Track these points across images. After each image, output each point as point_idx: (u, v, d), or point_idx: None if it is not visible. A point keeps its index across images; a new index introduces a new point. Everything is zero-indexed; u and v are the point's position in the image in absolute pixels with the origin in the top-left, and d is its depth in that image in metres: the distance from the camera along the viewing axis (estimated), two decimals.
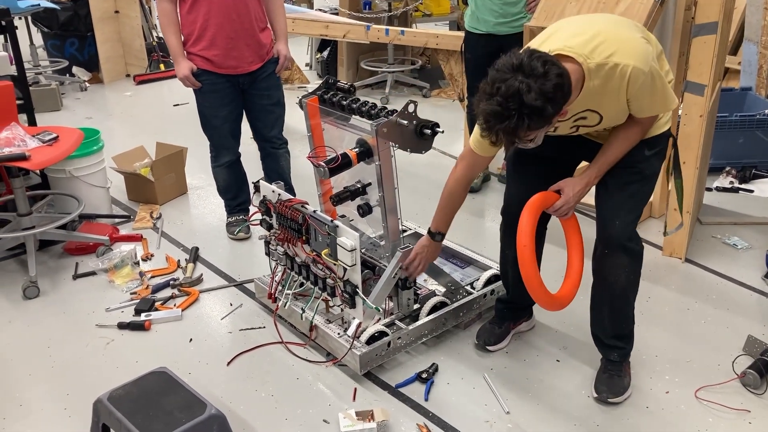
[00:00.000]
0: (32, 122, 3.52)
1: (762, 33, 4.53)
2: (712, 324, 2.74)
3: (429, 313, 2.62)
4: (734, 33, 4.84)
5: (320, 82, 2.73)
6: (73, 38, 6.52)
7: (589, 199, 2.37)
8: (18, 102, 3.35)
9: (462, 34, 3.93)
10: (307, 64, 6.95)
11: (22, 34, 4.51)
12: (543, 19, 3.42)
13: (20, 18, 6.04)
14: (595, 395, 2.36)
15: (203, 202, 3.99)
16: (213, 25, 3.10)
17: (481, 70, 3.85)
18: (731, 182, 3.95)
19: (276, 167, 3.49)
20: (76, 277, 3.20)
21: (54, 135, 3.22)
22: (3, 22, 3.47)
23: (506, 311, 2.67)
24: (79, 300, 3.03)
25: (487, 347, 2.62)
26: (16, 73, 3.50)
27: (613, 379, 2.38)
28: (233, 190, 3.51)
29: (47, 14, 6.31)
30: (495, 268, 2.89)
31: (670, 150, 2.52)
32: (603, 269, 2.31)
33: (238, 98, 3.30)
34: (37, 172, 3.53)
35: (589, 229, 2.49)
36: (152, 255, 3.38)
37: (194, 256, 3.31)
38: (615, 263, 2.26)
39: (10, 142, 3.09)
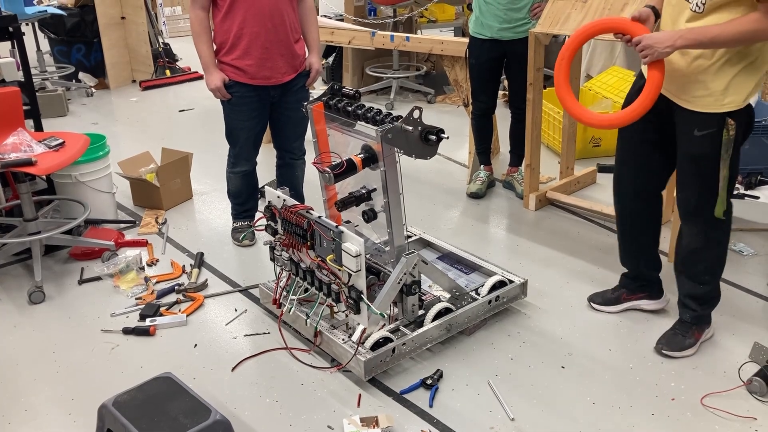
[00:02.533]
0: (39, 128, 3.54)
1: None
2: (718, 331, 2.73)
3: (434, 319, 2.62)
4: None
5: (325, 87, 2.74)
6: (79, 44, 6.56)
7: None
8: (25, 107, 3.37)
9: (467, 39, 3.94)
10: None
11: (29, 40, 4.54)
12: (548, 25, 3.43)
13: (27, 24, 6.08)
14: (654, 345, 2.59)
15: (208, 208, 4.00)
16: (248, 34, 3.07)
17: (485, 75, 3.91)
18: (737, 189, 3.93)
19: (291, 177, 3.50)
20: (81, 282, 3.21)
21: (60, 140, 3.24)
22: (10, 29, 3.49)
23: (623, 277, 2.87)
24: (84, 305, 3.03)
25: (592, 303, 2.87)
26: (23, 79, 3.52)
27: (676, 336, 2.58)
28: (243, 195, 3.51)
29: (54, 20, 6.36)
30: (500, 274, 2.88)
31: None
32: (680, 232, 2.57)
33: (266, 111, 3.28)
34: (43, 177, 3.55)
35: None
36: (157, 260, 3.39)
37: (199, 261, 3.32)
38: (685, 228, 2.53)
39: (16, 148, 3.10)
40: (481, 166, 4.13)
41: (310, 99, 2.72)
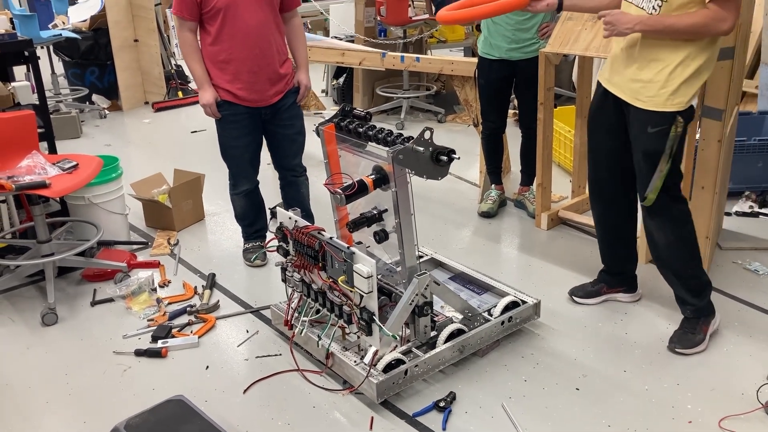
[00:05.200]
0: (53, 150, 3.58)
1: None
2: (735, 352, 2.70)
3: (446, 341, 2.60)
4: (751, 56, 4.82)
5: (336, 108, 2.75)
6: (93, 67, 6.64)
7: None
8: (39, 130, 3.41)
9: (476, 60, 3.96)
10: (323, 91, 7.02)
11: (43, 63, 4.59)
12: (558, 45, 3.44)
13: (42, 47, 6.16)
14: (666, 345, 2.69)
15: (220, 228, 4.01)
16: (236, 60, 3.12)
17: (494, 95, 3.92)
18: (751, 207, 3.91)
19: (297, 195, 3.51)
20: (94, 303, 3.22)
21: (74, 163, 3.26)
22: (26, 53, 3.54)
23: (602, 273, 3.06)
24: (96, 327, 3.04)
25: (573, 297, 3.05)
26: (37, 102, 3.57)
27: (685, 335, 2.68)
28: (250, 216, 3.53)
29: (68, 44, 6.45)
30: (512, 295, 2.87)
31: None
32: (647, 230, 2.73)
33: (258, 128, 3.32)
34: (57, 199, 3.58)
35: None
36: (169, 281, 3.40)
37: (211, 282, 3.32)
38: (651, 224, 2.66)
39: (31, 170, 3.13)
40: (492, 185, 4.12)
41: (322, 121, 2.73)
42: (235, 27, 3.07)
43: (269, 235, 3.48)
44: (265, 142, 3.43)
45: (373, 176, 2.47)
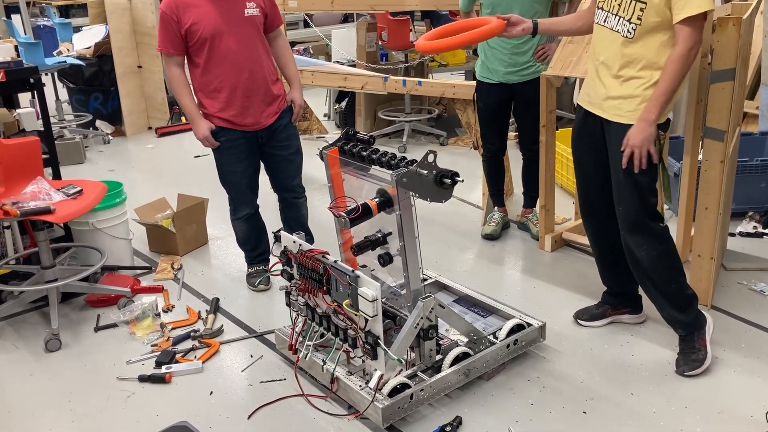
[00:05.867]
0: (57, 175, 3.59)
1: None
2: (743, 373, 2.68)
3: (452, 364, 2.58)
4: (751, 77, 4.85)
5: (338, 131, 2.77)
6: (97, 93, 6.69)
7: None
8: (44, 156, 3.43)
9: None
10: (325, 115, 7.05)
11: (48, 90, 4.62)
12: (559, 68, 3.46)
13: (47, 74, 6.21)
14: (675, 370, 2.68)
15: (224, 253, 4.01)
16: (227, 87, 3.14)
17: (493, 118, 3.94)
18: (755, 227, 3.90)
19: (297, 216, 3.51)
20: (97, 329, 3.21)
21: (78, 188, 3.28)
22: (32, 80, 3.57)
23: (605, 294, 3.06)
24: (100, 352, 3.03)
25: (578, 320, 3.05)
26: (42, 128, 3.59)
27: (687, 356, 2.69)
28: (252, 241, 3.53)
29: (73, 70, 6.51)
30: (517, 317, 2.85)
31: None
32: (627, 249, 2.71)
33: (255, 152, 3.33)
34: (61, 224, 3.58)
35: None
36: (173, 306, 3.39)
37: (215, 307, 3.31)
38: (633, 242, 2.67)
39: (35, 196, 3.14)
40: (495, 207, 4.12)
41: (326, 145, 2.74)
42: (222, 54, 3.09)
43: (272, 259, 3.48)
44: (263, 166, 3.43)
45: (377, 199, 2.48)
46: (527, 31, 2.80)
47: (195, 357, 2.94)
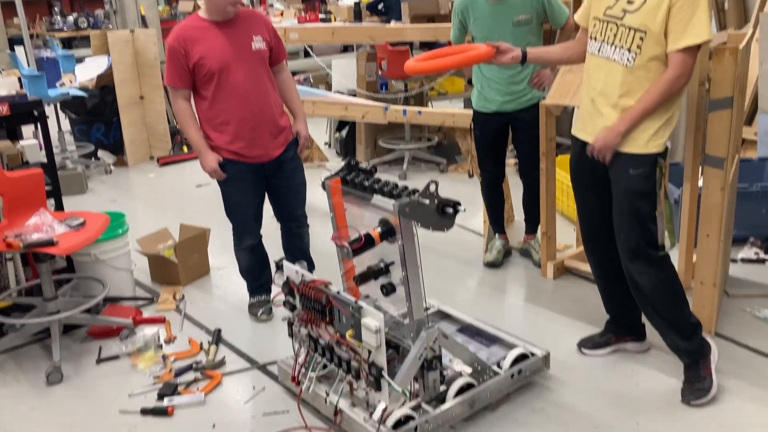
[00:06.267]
0: (59, 206, 3.61)
1: None
2: (750, 402, 2.66)
3: (456, 395, 2.57)
4: (748, 103, 4.88)
5: (339, 159, 2.79)
6: (99, 123, 6.74)
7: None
8: (47, 188, 3.44)
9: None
10: (326, 143, 7.09)
11: (50, 120, 4.65)
12: (558, 97, 3.50)
13: (49, 105, 6.26)
14: (681, 400, 2.65)
15: (225, 282, 4.01)
16: (235, 120, 3.15)
17: (491, 145, 3.96)
18: (756, 253, 3.90)
19: (301, 245, 3.52)
20: (99, 361, 3.19)
21: (81, 220, 3.28)
22: (36, 113, 3.61)
23: (608, 323, 3.05)
24: (102, 385, 3.01)
25: (581, 349, 3.04)
26: (45, 160, 3.61)
27: (693, 386, 2.67)
28: (255, 271, 3.53)
29: (75, 101, 6.55)
30: (521, 347, 2.84)
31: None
32: (629, 277, 2.71)
33: (261, 184, 3.34)
34: (63, 255, 3.58)
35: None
36: (175, 337, 3.38)
37: (217, 338, 3.30)
38: (634, 270, 2.66)
39: (38, 228, 3.15)
40: (496, 234, 4.13)
41: (328, 175, 2.76)
42: (230, 88, 3.11)
43: (274, 289, 3.48)
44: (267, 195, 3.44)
45: (379, 229, 2.48)
46: (516, 60, 2.83)
47: (197, 389, 2.92)
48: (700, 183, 3.12)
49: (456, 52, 2.84)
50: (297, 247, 3.53)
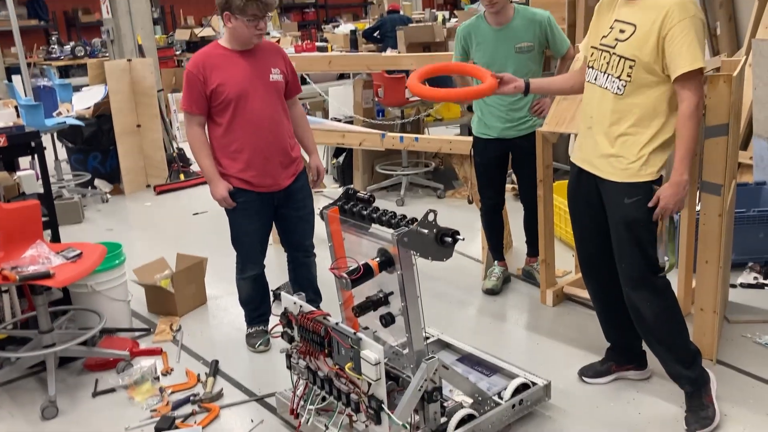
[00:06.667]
0: (56, 237, 3.59)
1: None
2: (752, 429, 2.63)
3: (457, 427, 2.53)
4: (743, 128, 4.92)
5: (336, 185, 2.78)
6: (96, 152, 6.74)
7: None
8: (43, 219, 3.42)
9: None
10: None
11: (47, 150, 4.66)
12: (554, 125, 3.51)
13: (46, 134, 6.26)
14: (686, 429, 2.63)
15: (223, 313, 3.98)
16: (249, 148, 3.16)
17: (491, 172, 3.97)
18: (755, 278, 3.90)
19: (308, 275, 3.51)
20: (95, 394, 3.15)
21: (78, 251, 3.26)
22: (33, 144, 3.60)
23: (608, 350, 3.04)
24: (98, 419, 2.97)
25: (582, 377, 3.02)
26: (42, 191, 3.60)
27: (697, 414, 2.65)
28: (256, 301, 3.50)
29: (72, 130, 6.56)
30: (522, 376, 2.82)
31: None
32: (631, 305, 2.70)
33: (270, 213, 3.34)
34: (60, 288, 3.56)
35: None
36: (172, 369, 3.34)
37: (214, 369, 3.26)
38: (636, 298, 2.66)
39: (35, 260, 3.13)
40: (495, 261, 4.11)
41: (326, 205, 2.75)
42: (247, 116, 3.12)
43: (272, 319, 3.45)
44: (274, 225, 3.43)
45: (378, 259, 2.47)
46: (519, 90, 2.85)
47: (195, 422, 2.88)
48: (698, 208, 3.12)
49: (460, 69, 2.85)
50: (305, 277, 3.52)
